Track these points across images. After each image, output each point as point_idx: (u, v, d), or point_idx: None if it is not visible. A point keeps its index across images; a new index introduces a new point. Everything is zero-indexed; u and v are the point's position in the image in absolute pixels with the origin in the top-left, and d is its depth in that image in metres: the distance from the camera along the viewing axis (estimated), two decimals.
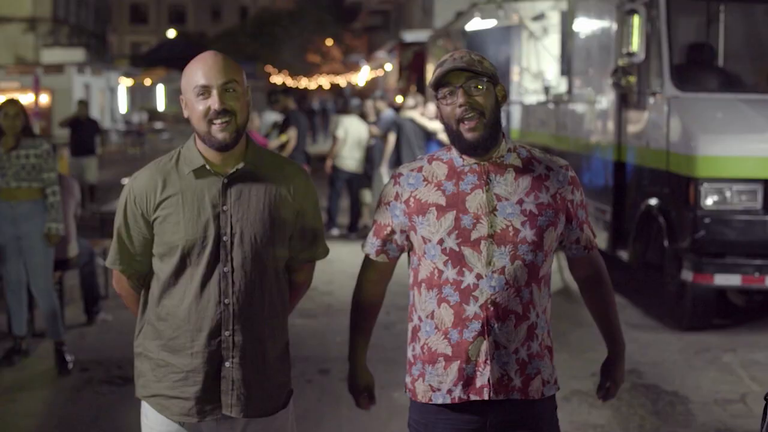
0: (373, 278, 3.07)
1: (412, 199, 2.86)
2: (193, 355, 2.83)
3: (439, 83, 2.81)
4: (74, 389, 6.33)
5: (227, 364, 2.83)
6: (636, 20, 8.42)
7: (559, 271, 8.84)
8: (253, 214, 2.82)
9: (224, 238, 2.81)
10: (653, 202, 8.14)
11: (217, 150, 2.81)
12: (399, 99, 20.04)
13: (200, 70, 2.78)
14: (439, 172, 2.86)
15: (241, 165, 2.84)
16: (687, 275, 7.55)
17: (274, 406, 2.94)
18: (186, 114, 2.87)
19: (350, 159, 12.91)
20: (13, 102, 6.65)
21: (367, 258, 3.05)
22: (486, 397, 2.80)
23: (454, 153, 2.88)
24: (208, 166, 2.83)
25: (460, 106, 2.78)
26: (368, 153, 13.12)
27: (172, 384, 2.85)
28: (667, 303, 8.20)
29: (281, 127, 12.86)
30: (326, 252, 3.07)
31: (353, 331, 3.12)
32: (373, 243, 3.00)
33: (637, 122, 8.65)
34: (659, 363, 7.00)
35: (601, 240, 9.06)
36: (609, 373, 3.14)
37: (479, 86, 2.79)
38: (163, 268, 2.85)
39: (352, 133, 12.86)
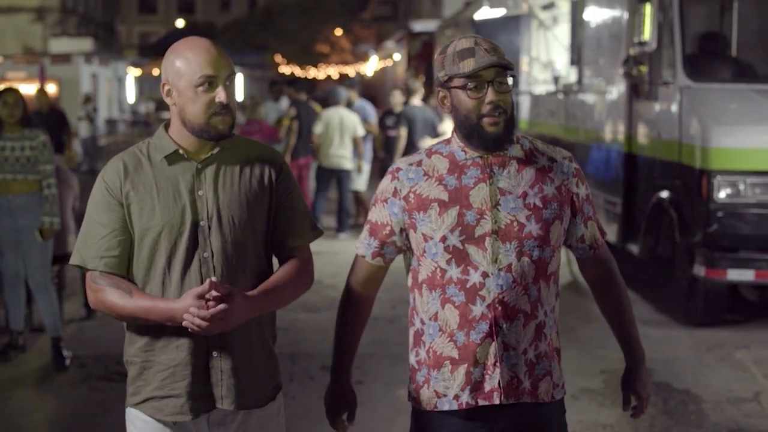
0: (366, 283, 2.90)
1: (412, 195, 2.72)
2: (178, 348, 2.72)
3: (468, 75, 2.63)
4: (71, 386, 6.22)
5: (215, 353, 2.74)
6: (648, 9, 8.29)
7: (568, 264, 8.70)
8: (229, 196, 2.74)
9: (201, 223, 2.72)
10: (665, 194, 7.98)
11: (214, 140, 2.73)
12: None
13: (204, 59, 2.67)
14: (440, 166, 2.72)
15: (216, 150, 2.76)
16: (699, 270, 7.40)
17: (265, 398, 2.87)
18: (171, 101, 2.74)
19: (334, 157, 12.14)
20: (11, 91, 6.57)
21: (360, 260, 2.87)
22: (497, 402, 2.68)
23: (455, 146, 2.74)
24: (181, 151, 2.75)
25: (489, 103, 2.63)
26: (388, 144, 12.67)
27: (160, 383, 2.75)
28: (679, 298, 8.06)
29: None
30: (317, 233, 2.91)
31: (340, 342, 2.96)
32: (369, 244, 2.83)
33: (648, 113, 8.50)
34: (670, 360, 6.85)
35: (611, 233, 8.92)
36: (630, 386, 2.93)
37: (506, 83, 2.65)
38: (141, 259, 2.74)
39: (333, 126, 12.13)
